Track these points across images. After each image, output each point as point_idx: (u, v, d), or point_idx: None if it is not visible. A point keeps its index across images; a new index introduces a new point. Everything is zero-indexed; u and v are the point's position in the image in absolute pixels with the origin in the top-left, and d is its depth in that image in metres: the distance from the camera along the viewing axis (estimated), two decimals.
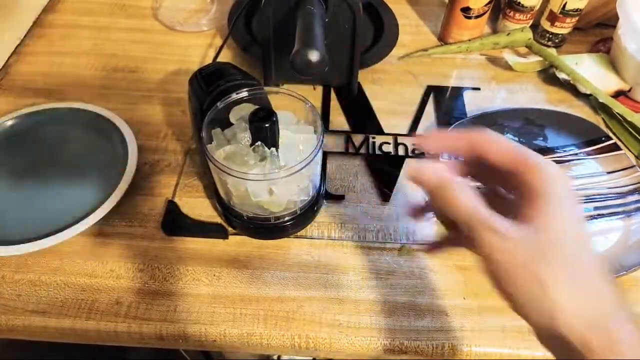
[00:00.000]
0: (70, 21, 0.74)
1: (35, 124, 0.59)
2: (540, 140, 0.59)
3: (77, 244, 0.49)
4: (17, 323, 0.44)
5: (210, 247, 0.50)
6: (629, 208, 0.52)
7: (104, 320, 0.44)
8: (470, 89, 0.67)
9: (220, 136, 0.45)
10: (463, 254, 0.49)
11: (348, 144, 0.59)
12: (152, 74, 0.67)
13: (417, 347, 0.44)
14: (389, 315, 0.45)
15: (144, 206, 0.53)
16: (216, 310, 0.45)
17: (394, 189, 0.55)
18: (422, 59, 0.71)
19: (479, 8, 0.67)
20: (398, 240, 0.51)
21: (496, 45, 0.70)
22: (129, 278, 0.47)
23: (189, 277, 0.47)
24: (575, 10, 0.67)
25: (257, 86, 0.48)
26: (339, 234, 0.51)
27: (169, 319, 0.45)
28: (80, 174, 0.54)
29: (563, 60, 0.66)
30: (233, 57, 0.70)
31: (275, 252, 0.49)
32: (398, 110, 0.64)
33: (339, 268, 0.48)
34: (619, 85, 0.64)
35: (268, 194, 0.45)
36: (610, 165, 0.55)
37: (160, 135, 0.59)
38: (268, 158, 0.43)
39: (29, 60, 0.68)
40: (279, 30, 0.58)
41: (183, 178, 0.55)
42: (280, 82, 0.65)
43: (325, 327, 0.44)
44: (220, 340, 0.44)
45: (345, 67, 0.63)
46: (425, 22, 0.77)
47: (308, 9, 0.51)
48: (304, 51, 0.45)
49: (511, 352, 0.43)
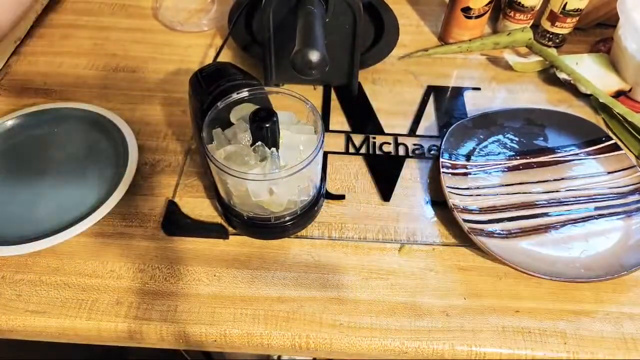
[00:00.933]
0: (70, 21, 0.74)
1: (35, 124, 0.59)
2: (541, 140, 0.59)
3: (77, 244, 0.49)
4: (17, 323, 0.45)
5: (210, 247, 0.50)
6: (629, 208, 0.52)
7: (104, 321, 0.44)
8: (470, 89, 0.67)
9: (221, 136, 0.45)
10: (463, 254, 0.50)
11: (348, 144, 0.60)
12: (153, 74, 0.67)
13: (417, 347, 0.44)
14: (389, 315, 0.45)
15: (144, 206, 0.53)
16: (216, 310, 0.45)
17: (394, 189, 0.55)
18: (423, 59, 0.71)
19: (480, 8, 0.67)
20: (398, 240, 0.51)
21: (497, 45, 0.70)
22: (130, 278, 0.47)
23: (190, 277, 0.47)
24: (576, 10, 0.67)
25: (258, 86, 0.48)
26: (339, 234, 0.51)
27: (169, 319, 0.45)
28: (80, 174, 0.54)
29: (563, 60, 0.66)
30: (233, 57, 0.70)
31: (276, 252, 0.49)
32: (398, 110, 0.64)
33: (339, 268, 0.48)
34: (620, 85, 0.64)
35: (268, 194, 0.45)
36: (610, 165, 0.55)
37: (160, 135, 0.59)
38: (268, 158, 0.43)
39: (29, 60, 0.68)
40: (279, 30, 0.58)
41: (183, 178, 0.55)
42: (281, 82, 0.65)
43: (326, 327, 0.44)
44: (220, 340, 0.44)
45: (346, 67, 0.63)
46: (426, 22, 0.77)
47: (308, 8, 0.51)
48: (304, 51, 0.45)
49: (511, 352, 0.43)
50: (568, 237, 0.50)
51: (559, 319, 0.45)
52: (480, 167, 0.56)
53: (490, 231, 0.49)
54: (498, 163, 0.56)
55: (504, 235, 0.49)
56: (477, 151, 0.57)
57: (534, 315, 0.45)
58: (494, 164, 0.56)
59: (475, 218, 0.50)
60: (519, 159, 0.57)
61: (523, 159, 0.57)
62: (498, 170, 0.56)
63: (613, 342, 0.44)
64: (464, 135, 0.58)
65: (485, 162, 0.56)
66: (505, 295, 0.47)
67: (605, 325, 0.45)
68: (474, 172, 0.55)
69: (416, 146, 0.59)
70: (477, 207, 0.52)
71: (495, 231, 0.49)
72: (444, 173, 0.53)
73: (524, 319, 0.45)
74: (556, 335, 0.44)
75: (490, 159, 0.57)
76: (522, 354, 0.43)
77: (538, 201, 0.53)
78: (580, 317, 0.45)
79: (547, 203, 0.53)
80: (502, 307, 0.46)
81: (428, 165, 0.57)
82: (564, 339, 0.44)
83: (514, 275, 0.48)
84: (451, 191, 0.52)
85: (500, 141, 0.58)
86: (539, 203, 0.53)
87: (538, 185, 0.54)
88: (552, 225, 0.51)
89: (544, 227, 0.50)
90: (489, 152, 0.57)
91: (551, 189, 0.54)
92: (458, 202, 0.51)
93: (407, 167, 0.57)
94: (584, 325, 0.45)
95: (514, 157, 0.57)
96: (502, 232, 0.50)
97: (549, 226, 0.50)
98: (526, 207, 0.52)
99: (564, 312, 0.46)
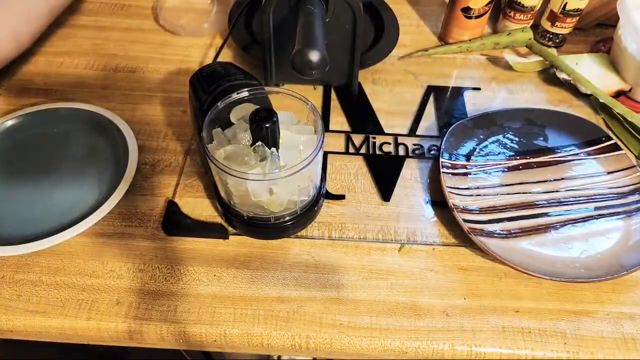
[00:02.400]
0: (70, 21, 0.74)
1: (35, 124, 0.59)
2: (541, 141, 0.59)
3: (78, 244, 0.49)
4: (17, 323, 0.44)
5: (210, 247, 0.50)
6: (629, 208, 0.52)
7: (104, 321, 0.44)
8: (470, 89, 0.67)
9: (221, 136, 0.45)
10: (463, 254, 0.50)
11: (348, 144, 0.60)
12: (152, 74, 0.67)
13: (417, 347, 0.44)
14: (389, 315, 0.45)
15: (144, 206, 0.53)
16: (216, 310, 0.45)
17: (394, 189, 0.55)
18: (423, 59, 0.71)
19: (480, 8, 0.67)
20: (398, 240, 0.51)
21: (497, 45, 0.70)
22: (129, 278, 0.47)
23: (189, 277, 0.47)
24: (576, 10, 0.67)
25: (258, 86, 0.48)
26: (339, 234, 0.51)
27: (169, 319, 0.45)
28: (80, 174, 0.54)
29: (563, 60, 0.66)
30: (233, 57, 0.70)
31: (276, 252, 0.49)
32: (398, 110, 0.64)
33: (339, 268, 0.48)
34: (620, 85, 0.64)
35: (268, 194, 0.45)
36: (610, 165, 0.55)
37: (160, 135, 0.59)
38: (268, 158, 0.43)
39: (29, 60, 0.68)
40: (279, 30, 0.58)
41: (183, 178, 0.55)
42: (281, 82, 0.65)
43: (326, 327, 0.44)
44: (220, 340, 0.44)
45: (346, 67, 0.63)
46: (426, 22, 0.77)
47: (308, 8, 0.51)
48: (305, 51, 0.45)
49: (511, 352, 0.43)
50: (568, 237, 0.50)
51: (559, 319, 0.45)
52: (480, 167, 0.56)
53: (490, 231, 0.49)
54: (498, 163, 0.56)
55: (504, 235, 0.49)
56: (477, 151, 0.57)
57: (534, 315, 0.45)
58: (494, 164, 0.56)
59: (475, 218, 0.50)
60: (519, 159, 0.57)
61: (523, 159, 0.57)
62: (498, 170, 0.56)
63: (613, 342, 0.44)
64: (464, 135, 0.58)
65: (485, 162, 0.56)
66: (505, 295, 0.47)
67: (605, 325, 0.45)
68: (474, 172, 0.55)
69: (416, 146, 0.59)
70: (477, 207, 0.52)
71: (495, 231, 0.49)
72: (444, 173, 0.53)
73: (524, 319, 0.45)
74: (556, 335, 0.44)
75: (490, 159, 0.57)
76: (522, 354, 0.43)
77: (538, 201, 0.53)
78: (580, 317, 0.45)
79: (547, 203, 0.53)
80: (502, 307, 0.46)
81: (428, 165, 0.57)
82: (564, 339, 0.44)
83: (514, 275, 0.48)
84: (451, 191, 0.52)
85: (500, 141, 0.58)
86: (539, 203, 0.53)
87: (538, 185, 0.54)
88: (552, 225, 0.51)
89: (544, 227, 0.50)
90: (489, 152, 0.57)
91: (551, 189, 0.54)
92: (458, 202, 0.51)
93: (407, 167, 0.57)
94: (584, 325, 0.45)
95: (514, 157, 0.57)
96: (502, 232, 0.50)
97: (549, 226, 0.50)
98: (526, 207, 0.52)
99: (564, 312, 0.46)
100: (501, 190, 0.54)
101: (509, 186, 0.54)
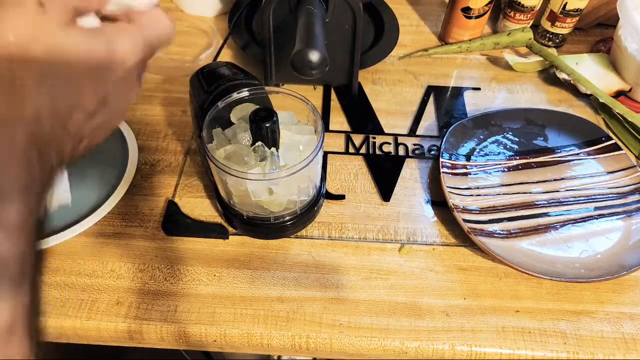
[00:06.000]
0: None
1: None
2: (541, 141, 0.59)
3: (78, 244, 0.49)
4: None
5: (210, 247, 0.50)
6: (629, 208, 0.52)
7: (104, 321, 0.44)
8: (470, 89, 0.67)
9: (221, 136, 0.45)
10: (463, 254, 0.50)
11: (348, 144, 0.59)
12: (153, 74, 0.67)
13: (417, 347, 0.44)
14: (389, 315, 0.45)
15: (144, 206, 0.52)
16: (216, 310, 0.45)
17: (394, 189, 0.55)
18: (423, 59, 0.71)
19: (480, 8, 0.67)
20: (398, 240, 0.51)
21: (497, 45, 0.70)
22: (130, 278, 0.47)
23: (189, 277, 0.47)
24: (576, 10, 0.67)
25: (258, 86, 0.48)
26: (339, 234, 0.51)
27: (169, 319, 0.45)
28: (80, 174, 0.54)
29: (563, 60, 0.66)
30: (233, 57, 0.70)
31: (276, 252, 0.49)
32: (398, 110, 0.64)
33: (339, 268, 0.48)
34: (620, 85, 0.64)
35: (268, 194, 0.45)
36: (610, 165, 0.55)
37: (160, 135, 0.59)
38: (268, 158, 0.43)
39: None
40: (279, 30, 0.58)
41: (183, 178, 0.55)
42: (281, 82, 0.65)
43: (326, 327, 0.44)
44: (220, 340, 0.44)
45: (346, 67, 0.63)
46: (426, 22, 0.77)
47: (308, 9, 0.51)
48: (305, 51, 0.45)
49: (511, 352, 0.43)
50: (568, 237, 0.50)
51: (559, 319, 0.45)
52: (480, 167, 0.56)
53: (490, 231, 0.49)
54: (498, 163, 0.56)
55: (504, 235, 0.49)
56: (477, 151, 0.57)
57: (534, 315, 0.45)
58: (494, 164, 0.56)
59: (475, 218, 0.50)
60: (519, 159, 0.57)
61: (523, 159, 0.57)
62: (498, 170, 0.56)
63: (613, 342, 0.44)
64: (464, 135, 0.58)
65: (485, 162, 0.56)
66: (505, 295, 0.47)
67: (605, 325, 0.45)
68: (474, 172, 0.55)
69: (416, 146, 0.59)
70: (477, 207, 0.52)
71: (495, 231, 0.49)
72: (444, 173, 0.53)
73: (524, 319, 0.45)
74: (556, 335, 0.44)
75: (490, 159, 0.56)
76: (522, 354, 0.43)
77: (538, 201, 0.53)
78: (580, 317, 0.45)
79: (547, 203, 0.53)
80: (502, 307, 0.46)
81: (428, 165, 0.57)
82: (564, 339, 0.44)
83: (514, 275, 0.48)
84: (451, 191, 0.52)
85: (500, 141, 0.58)
86: (539, 203, 0.53)
87: (538, 185, 0.54)
88: (552, 225, 0.51)
89: (544, 227, 0.50)
90: (489, 152, 0.57)
91: (551, 189, 0.54)
92: (458, 202, 0.51)
93: (407, 167, 0.57)
94: (584, 325, 0.45)
95: (513, 157, 0.57)
96: (502, 232, 0.50)
97: (549, 226, 0.50)
98: (526, 207, 0.52)
99: (564, 312, 0.46)
100: (501, 190, 0.54)
101: (509, 186, 0.54)
